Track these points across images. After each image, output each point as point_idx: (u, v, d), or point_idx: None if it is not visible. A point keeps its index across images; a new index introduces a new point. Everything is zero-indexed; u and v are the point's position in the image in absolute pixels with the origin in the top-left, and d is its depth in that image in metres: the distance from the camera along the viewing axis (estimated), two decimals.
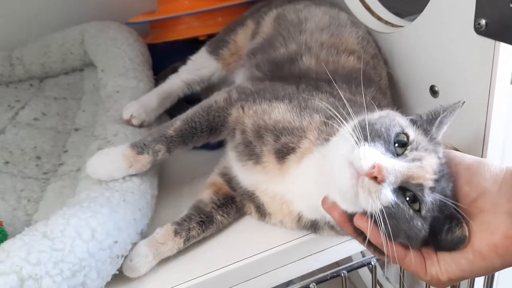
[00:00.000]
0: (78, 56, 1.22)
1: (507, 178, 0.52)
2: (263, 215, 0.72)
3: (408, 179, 0.52)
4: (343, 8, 0.98)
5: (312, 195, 0.62)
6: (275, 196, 0.68)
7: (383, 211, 0.50)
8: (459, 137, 0.73)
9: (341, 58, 0.81)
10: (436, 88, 0.79)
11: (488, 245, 0.50)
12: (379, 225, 0.51)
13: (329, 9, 0.93)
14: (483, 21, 0.65)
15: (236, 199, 0.74)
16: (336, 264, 0.76)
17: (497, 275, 0.83)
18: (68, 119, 1.03)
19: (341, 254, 0.73)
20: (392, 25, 0.93)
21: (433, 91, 0.80)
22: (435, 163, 0.54)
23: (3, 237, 0.64)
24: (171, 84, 0.98)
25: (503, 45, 0.64)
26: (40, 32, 1.24)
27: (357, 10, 0.98)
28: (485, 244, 0.50)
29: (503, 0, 0.60)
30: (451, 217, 0.53)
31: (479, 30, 0.66)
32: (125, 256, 0.62)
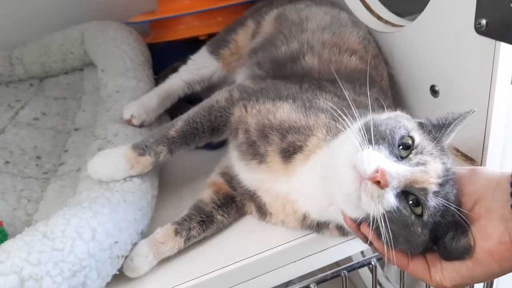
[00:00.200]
0: (78, 56, 1.22)
1: (501, 183, 0.51)
2: (264, 214, 0.71)
3: (412, 183, 0.52)
4: (343, 7, 0.98)
5: (317, 194, 0.61)
6: (278, 195, 0.68)
7: (385, 215, 0.50)
8: (459, 137, 0.73)
9: (344, 57, 0.81)
10: (436, 88, 0.79)
11: (484, 251, 0.50)
12: (381, 231, 0.50)
13: (329, 9, 0.93)
14: (484, 21, 0.65)
15: (237, 198, 0.74)
16: (336, 264, 0.76)
17: (496, 280, 0.83)
18: (68, 119, 1.03)
19: (341, 254, 0.73)
20: (392, 24, 0.93)
21: (433, 90, 0.80)
22: (440, 168, 0.53)
23: (3, 237, 0.64)
24: (172, 84, 0.98)
25: (503, 45, 0.64)
26: (40, 32, 1.24)
27: (357, 9, 0.98)
28: (481, 251, 0.50)
29: (503, 0, 0.60)
30: (455, 223, 0.52)
31: (479, 30, 0.66)
32: (125, 256, 0.62)
